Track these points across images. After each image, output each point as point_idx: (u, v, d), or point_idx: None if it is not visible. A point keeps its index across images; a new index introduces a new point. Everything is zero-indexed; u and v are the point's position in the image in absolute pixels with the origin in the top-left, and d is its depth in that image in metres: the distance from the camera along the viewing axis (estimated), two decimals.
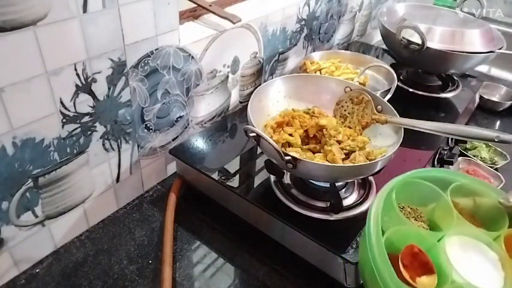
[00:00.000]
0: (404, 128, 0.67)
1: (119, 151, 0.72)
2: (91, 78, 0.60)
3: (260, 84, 0.94)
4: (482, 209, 0.56)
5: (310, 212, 0.66)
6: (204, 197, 0.78)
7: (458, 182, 0.56)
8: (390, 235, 0.50)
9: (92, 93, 0.62)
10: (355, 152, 0.68)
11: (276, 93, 0.77)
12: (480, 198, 0.56)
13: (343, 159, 0.66)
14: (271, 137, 0.67)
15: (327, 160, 0.66)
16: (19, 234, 0.62)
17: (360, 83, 0.93)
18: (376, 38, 1.57)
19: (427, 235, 0.51)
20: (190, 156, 0.78)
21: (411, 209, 0.56)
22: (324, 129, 0.71)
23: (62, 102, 0.58)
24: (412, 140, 0.69)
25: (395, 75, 0.87)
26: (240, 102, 0.99)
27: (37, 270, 0.65)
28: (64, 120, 0.60)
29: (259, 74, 1.01)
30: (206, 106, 0.87)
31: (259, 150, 0.83)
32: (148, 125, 0.74)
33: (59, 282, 0.64)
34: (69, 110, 0.60)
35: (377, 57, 1.24)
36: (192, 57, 0.77)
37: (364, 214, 0.67)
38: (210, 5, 0.81)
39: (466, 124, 1.07)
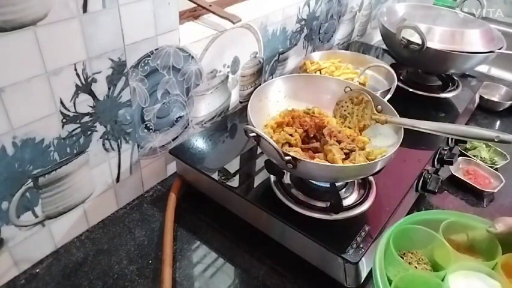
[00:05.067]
0: (404, 128, 0.67)
1: (119, 151, 0.72)
2: (91, 78, 0.60)
3: (260, 84, 0.94)
4: (477, 241, 0.58)
5: (310, 212, 0.66)
6: (204, 197, 0.78)
7: (448, 219, 0.58)
8: (397, 283, 0.52)
9: (92, 93, 0.62)
10: (355, 152, 0.68)
11: (276, 93, 0.77)
12: (472, 231, 0.59)
13: (343, 159, 0.66)
14: (271, 137, 0.67)
15: (327, 160, 0.66)
16: (19, 234, 0.62)
17: (360, 83, 0.93)
18: (376, 38, 1.57)
19: (431, 277, 0.53)
20: (190, 156, 0.78)
21: (412, 253, 0.58)
22: (325, 129, 0.71)
23: (62, 102, 0.58)
24: (412, 140, 0.69)
25: (395, 75, 0.87)
26: (240, 102, 0.99)
27: (37, 270, 0.65)
28: (64, 120, 0.60)
29: (259, 74, 1.01)
30: (206, 106, 0.87)
31: (259, 150, 0.83)
32: (148, 125, 0.74)
33: (59, 282, 0.64)
34: (69, 110, 0.60)
35: (377, 57, 1.24)
36: (192, 57, 0.77)
37: (364, 214, 0.68)
38: (210, 5, 0.81)
39: (466, 124, 1.07)
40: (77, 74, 0.58)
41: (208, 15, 0.85)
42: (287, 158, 0.59)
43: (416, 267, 0.55)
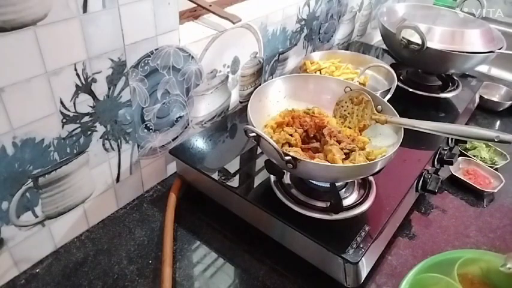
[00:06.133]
0: (404, 128, 0.67)
1: (119, 151, 0.72)
2: (91, 78, 0.60)
3: (260, 84, 0.94)
4: (491, 273, 0.58)
5: (310, 212, 0.66)
6: (204, 197, 0.78)
7: (462, 258, 0.58)
8: None
9: (92, 93, 0.62)
10: (355, 152, 0.68)
11: (276, 93, 0.77)
12: (486, 263, 0.59)
13: (343, 159, 0.66)
14: (271, 137, 0.67)
15: (327, 160, 0.66)
16: (19, 234, 0.62)
17: (360, 83, 0.93)
18: (376, 38, 1.57)
19: None
20: (190, 156, 0.78)
21: None
22: (325, 129, 0.71)
23: (62, 102, 0.58)
24: (412, 140, 0.69)
25: (395, 75, 0.87)
26: (240, 102, 0.99)
27: (37, 270, 0.65)
28: (64, 120, 0.60)
29: (259, 74, 1.01)
30: (206, 106, 0.87)
31: (259, 150, 0.83)
32: (148, 125, 0.74)
33: (59, 282, 0.64)
34: (69, 110, 0.60)
35: (377, 57, 1.24)
36: (192, 57, 0.77)
37: (364, 214, 0.68)
38: (210, 5, 0.81)
39: (466, 124, 1.07)
40: (77, 74, 0.58)
41: (208, 15, 0.85)
42: (287, 158, 0.59)
43: None
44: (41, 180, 0.61)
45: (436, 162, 0.86)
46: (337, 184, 0.70)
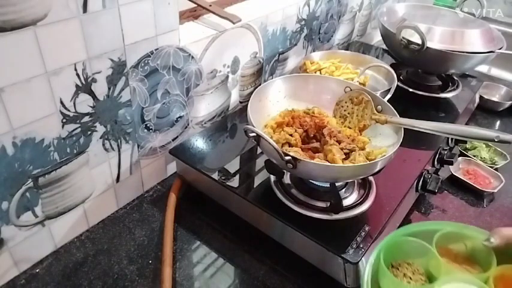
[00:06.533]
0: (404, 128, 0.67)
1: (119, 151, 0.72)
2: (91, 78, 0.60)
3: (260, 84, 0.94)
4: (475, 251, 0.57)
5: (310, 212, 0.66)
6: (204, 197, 0.78)
7: (442, 230, 0.57)
8: None
9: (92, 93, 0.62)
10: (355, 152, 0.68)
11: (276, 93, 0.77)
12: (470, 240, 0.58)
13: (343, 159, 0.66)
14: (271, 137, 0.67)
15: (327, 160, 0.66)
16: (19, 234, 0.62)
17: (360, 83, 0.93)
18: (376, 38, 1.57)
19: None
20: (190, 156, 0.78)
21: (408, 264, 0.57)
22: (325, 129, 0.71)
23: (62, 102, 0.58)
24: (412, 140, 0.69)
25: (395, 75, 0.87)
26: (240, 102, 0.99)
27: (37, 270, 0.65)
28: (64, 120, 0.60)
29: (259, 74, 1.01)
30: (206, 106, 0.87)
31: (259, 150, 0.83)
32: (148, 125, 0.74)
33: (59, 282, 0.64)
34: (69, 110, 0.60)
35: (377, 57, 1.24)
36: (192, 57, 0.77)
37: (364, 214, 0.68)
38: (210, 5, 0.81)
39: (466, 124, 1.07)
40: (77, 74, 0.58)
41: (208, 15, 0.85)
42: (287, 158, 0.59)
43: (411, 278, 0.54)
44: (41, 180, 0.61)
45: (436, 162, 0.86)
46: (337, 184, 0.70)
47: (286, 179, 0.73)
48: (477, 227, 0.57)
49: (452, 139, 0.94)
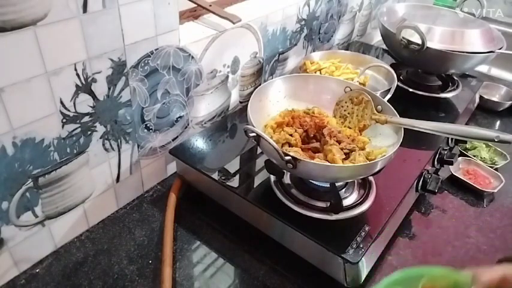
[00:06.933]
0: (404, 128, 0.67)
1: (119, 151, 0.72)
2: (91, 78, 0.60)
3: (260, 84, 0.94)
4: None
5: (310, 212, 0.66)
6: (204, 197, 0.78)
7: (426, 276, 0.54)
8: None
9: (92, 93, 0.62)
10: (355, 152, 0.68)
11: (276, 93, 0.77)
12: (454, 281, 0.56)
13: (343, 159, 0.66)
14: (271, 137, 0.67)
15: (327, 160, 0.66)
16: (19, 234, 0.62)
17: (360, 83, 0.93)
18: (376, 38, 1.57)
19: None
20: (190, 156, 0.78)
21: None
22: (325, 129, 0.71)
23: (62, 102, 0.58)
24: (412, 140, 0.69)
25: (395, 75, 0.87)
26: (240, 102, 0.99)
27: (37, 270, 0.65)
28: (64, 120, 0.60)
29: (259, 74, 1.01)
30: (206, 106, 0.87)
31: (259, 150, 0.83)
32: (148, 125, 0.74)
33: (59, 282, 0.64)
34: (69, 110, 0.60)
35: (377, 57, 1.24)
36: (192, 57, 0.77)
37: (364, 214, 0.68)
38: (210, 5, 0.81)
39: (466, 124, 1.07)
40: (77, 74, 0.58)
41: (208, 15, 0.85)
42: (287, 158, 0.59)
43: None
44: (41, 180, 0.61)
45: (436, 162, 0.86)
46: (337, 184, 0.70)
47: (286, 179, 0.73)
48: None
49: (452, 139, 0.94)
